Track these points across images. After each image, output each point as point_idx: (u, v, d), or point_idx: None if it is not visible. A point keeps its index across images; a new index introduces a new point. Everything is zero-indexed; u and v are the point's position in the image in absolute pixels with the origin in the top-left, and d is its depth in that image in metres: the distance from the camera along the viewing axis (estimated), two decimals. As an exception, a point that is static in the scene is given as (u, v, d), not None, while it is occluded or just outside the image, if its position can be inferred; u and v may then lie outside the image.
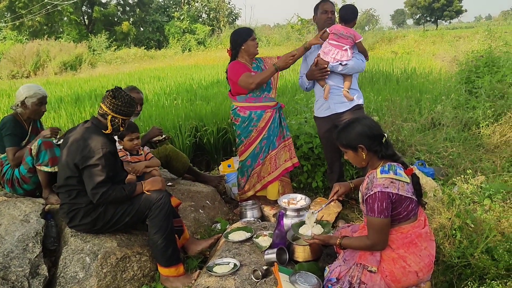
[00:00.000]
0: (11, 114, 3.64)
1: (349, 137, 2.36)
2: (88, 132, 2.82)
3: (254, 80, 3.66)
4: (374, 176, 2.27)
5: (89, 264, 2.83)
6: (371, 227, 2.25)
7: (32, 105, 3.58)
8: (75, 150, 2.76)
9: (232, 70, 3.76)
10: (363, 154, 2.34)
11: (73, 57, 24.41)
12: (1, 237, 2.96)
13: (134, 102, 2.92)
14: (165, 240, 2.86)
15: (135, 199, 2.87)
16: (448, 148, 4.69)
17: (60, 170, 2.93)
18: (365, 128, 2.33)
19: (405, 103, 6.29)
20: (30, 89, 3.59)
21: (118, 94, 2.83)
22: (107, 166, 2.76)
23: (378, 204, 2.19)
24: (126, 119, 2.91)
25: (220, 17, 37.97)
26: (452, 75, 8.95)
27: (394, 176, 2.23)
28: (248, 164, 3.92)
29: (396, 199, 2.21)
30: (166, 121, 6.07)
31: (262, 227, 3.28)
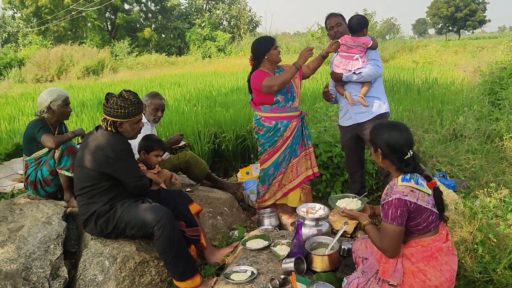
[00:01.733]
0: (38, 118, 3.66)
1: (376, 136, 2.39)
2: (103, 136, 2.88)
3: (276, 82, 3.65)
4: (395, 183, 2.27)
5: (108, 268, 2.86)
6: (384, 232, 2.25)
7: (58, 108, 3.65)
8: (97, 156, 2.81)
9: (256, 79, 3.76)
10: (379, 157, 2.38)
11: (95, 62, 24.83)
12: (24, 238, 3.02)
13: (126, 103, 2.84)
14: (174, 257, 2.83)
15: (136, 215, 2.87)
16: (470, 160, 4.61)
17: (77, 173, 2.97)
18: (390, 139, 2.32)
19: (426, 113, 6.22)
20: (52, 93, 3.66)
21: (110, 98, 2.87)
22: (134, 157, 2.97)
23: (393, 210, 2.18)
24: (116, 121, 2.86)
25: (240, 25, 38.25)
26: (475, 86, 8.81)
27: (414, 185, 2.21)
28: (271, 173, 3.92)
29: (415, 209, 2.19)
30: (186, 127, 6.12)
31: (280, 235, 3.27)
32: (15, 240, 3.00)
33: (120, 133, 2.92)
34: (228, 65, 23.51)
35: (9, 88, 17.35)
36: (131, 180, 2.92)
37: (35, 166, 3.62)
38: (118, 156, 2.84)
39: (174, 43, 37.45)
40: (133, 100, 2.87)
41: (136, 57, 29.23)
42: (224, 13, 39.03)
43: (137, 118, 2.93)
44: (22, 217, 3.25)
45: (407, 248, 2.28)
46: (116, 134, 2.89)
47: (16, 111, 9.72)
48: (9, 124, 7.91)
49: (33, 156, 3.63)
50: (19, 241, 2.99)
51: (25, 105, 10.74)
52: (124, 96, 2.86)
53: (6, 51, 32.48)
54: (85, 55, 25.57)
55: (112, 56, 28.40)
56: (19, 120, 8.45)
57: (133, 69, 25.62)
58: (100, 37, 35.41)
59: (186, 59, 29.91)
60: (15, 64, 26.08)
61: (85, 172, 2.87)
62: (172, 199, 3.19)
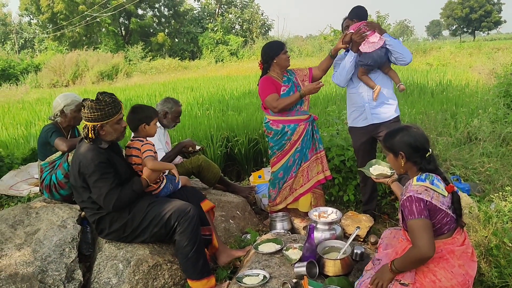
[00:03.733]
0: (51, 123, 3.77)
1: (393, 141, 2.38)
2: (79, 149, 2.88)
3: (278, 105, 3.72)
4: (410, 183, 2.27)
5: (122, 271, 2.89)
6: (415, 230, 2.16)
7: (71, 112, 3.72)
8: (74, 171, 2.85)
9: (262, 88, 3.81)
10: (402, 161, 2.36)
11: (109, 67, 25.15)
12: (39, 242, 3.07)
13: (100, 105, 2.79)
14: (196, 252, 2.87)
15: (163, 211, 2.89)
16: (485, 163, 4.55)
17: (73, 189, 3.04)
18: (410, 138, 2.34)
19: (440, 116, 6.16)
20: (66, 97, 3.73)
21: (85, 102, 2.83)
22: (106, 174, 2.81)
23: (416, 205, 2.16)
24: (96, 124, 2.81)
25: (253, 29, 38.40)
26: (490, 88, 8.69)
27: (429, 185, 2.21)
28: (280, 176, 3.93)
29: (430, 208, 2.19)
30: (198, 131, 6.16)
31: (292, 239, 3.27)
32: (31, 243, 3.06)
33: (101, 138, 2.86)
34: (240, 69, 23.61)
35: (26, 93, 17.65)
36: (96, 197, 2.83)
37: (50, 170, 3.68)
38: (87, 169, 2.79)
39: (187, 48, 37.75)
40: (108, 101, 2.82)
41: (149, 61, 29.55)
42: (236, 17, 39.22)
43: (116, 118, 2.87)
44: (38, 220, 3.31)
45: None
46: (92, 145, 2.84)
47: (32, 115, 9.89)
48: (26, 129, 8.05)
49: (47, 160, 3.70)
50: (35, 244, 3.04)
51: (41, 109, 10.92)
52: (99, 98, 2.82)
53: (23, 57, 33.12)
54: (100, 60, 25.92)
55: (126, 61, 28.74)
56: (35, 124, 8.59)
57: (147, 73, 25.88)
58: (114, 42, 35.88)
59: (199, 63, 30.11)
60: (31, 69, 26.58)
61: (75, 188, 2.92)
62: (184, 196, 3.22)
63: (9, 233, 3.16)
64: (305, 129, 3.84)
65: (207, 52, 34.20)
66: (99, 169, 2.78)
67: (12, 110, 11.22)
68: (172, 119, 4.11)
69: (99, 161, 2.79)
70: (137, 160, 3.10)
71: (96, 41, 37.56)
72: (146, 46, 34.17)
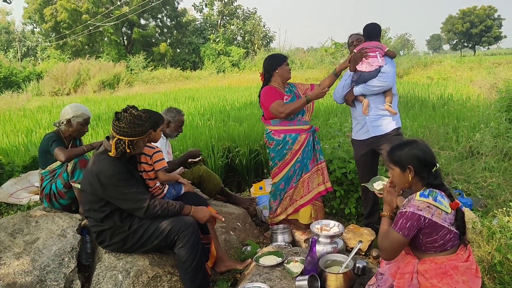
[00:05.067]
0: (53, 131, 3.76)
1: (402, 155, 2.35)
2: (98, 160, 2.83)
3: (285, 110, 3.71)
4: (413, 197, 2.25)
5: (121, 282, 2.86)
6: (389, 236, 2.26)
7: (77, 124, 3.71)
8: (92, 181, 2.80)
9: (265, 96, 3.80)
10: (409, 176, 2.32)
11: (111, 76, 25.24)
12: (39, 251, 3.04)
13: (141, 120, 2.80)
14: (195, 268, 2.85)
15: (164, 224, 2.87)
16: (487, 178, 4.54)
17: (82, 196, 3.01)
18: (420, 152, 2.32)
19: (442, 130, 6.15)
20: (78, 108, 3.73)
21: (121, 116, 2.77)
22: (129, 181, 2.81)
23: (403, 221, 2.19)
24: (134, 140, 2.81)
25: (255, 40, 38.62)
26: (491, 102, 8.72)
27: (432, 202, 2.19)
28: (281, 187, 3.91)
29: (429, 225, 2.17)
30: (199, 141, 6.15)
31: (294, 252, 3.24)
32: (30, 252, 3.03)
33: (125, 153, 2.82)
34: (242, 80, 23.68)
35: (27, 101, 17.67)
36: (127, 205, 2.83)
37: (50, 178, 3.67)
38: (109, 182, 2.75)
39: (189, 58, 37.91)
40: (145, 116, 2.84)
41: (151, 71, 29.65)
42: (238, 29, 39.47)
43: (150, 133, 2.94)
44: (38, 229, 3.28)
45: (421, 265, 2.25)
46: (111, 157, 2.80)
47: (33, 123, 9.88)
48: (26, 137, 8.04)
49: (48, 168, 3.68)
50: (34, 254, 3.01)
51: (42, 117, 10.91)
52: (135, 114, 2.79)
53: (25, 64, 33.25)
54: (101, 69, 26.02)
55: (128, 70, 28.84)
56: (36, 132, 8.58)
57: (148, 83, 25.96)
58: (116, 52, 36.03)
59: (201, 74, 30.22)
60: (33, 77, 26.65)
61: (87, 196, 2.89)
62: (187, 202, 3.19)
63: (8, 242, 3.13)
64: (306, 139, 3.83)
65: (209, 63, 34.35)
66: (123, 177, 2.78)
67: (13, 118, 11.21)
68: (175, 128, 4.12)
69: (121, 171, 2.79)
70: (146, 167, 3.10)
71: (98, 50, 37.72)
72: (148, 56, 34.33)
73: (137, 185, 2.86)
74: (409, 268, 2.27)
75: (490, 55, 43.65)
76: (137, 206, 2.82)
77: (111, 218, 2.88)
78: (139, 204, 2.82)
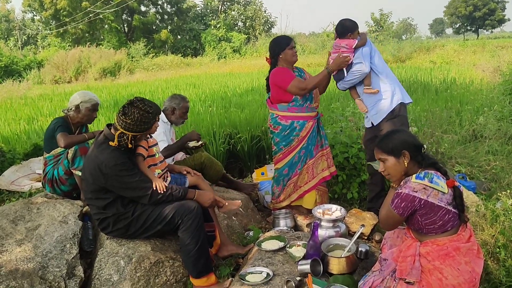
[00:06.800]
0: (61, 117, 3.75)
1: (393, 143, 2.35)
2: (99, 149, 2.80)
3: (307, 86, 3.62)
4: (409, 179, 2.25)
5: (123, 268, 2.86)
6: (386, 209, 2.33)
7: (86, 110, 3.70)
8: (93, 171, 2.78)
9: (280, 76, 3.70)
10: (405, 161, 2.31)
11: (112, 64, 25.12)
12: (40, 237, 3.04)
13: (148, 118, 2.77)
14: (197, 252, 2.85)
15: (167, 208, 2.86)
16: (490, 161, 4.51)
17: (83, 184, 2.99)
18: (409, 137, 2.36)
19: (445, 114, 6.10)
20: (86, 95, 3.73)
21: (129, 111, 2.73)
22: (132, 170, 2.79)
23: (398, 201, 2.24)
24: (137, 135, 2.80)
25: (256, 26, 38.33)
26: (495, 86, 8.63)
27: (428, 184, 2.19)
28: (285, 173, 3.88)
29: (425, 206, 2.17)
30: (201, 127, 6.12)
31: (296, 237, 3.23)
32: (32, 239, 3.03)
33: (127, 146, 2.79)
34: (243, 66, 23.53)
35: (28, 89, 17.62)
36: (131, 194, 2.84)
37: (53, 163, 3.67)
38: (112, 172, 2.73)
39: (189, 44, 37.67)
40: (152, 112, 2.80)
41: (152, 58, 29.49)
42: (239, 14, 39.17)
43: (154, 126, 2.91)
44: (39, 216, 3.28)
45: (423, 247, 2.25)
46: (112, 147, 2.76)
47: (34, 111, 9.87)
48: (28, 124, 8.03)
49: (53, 153, 3.69)
50: (36, 240, 3.01)
51: (43, 105, 10.91)
52: (142, 109, 2.75)
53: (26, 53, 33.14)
54: (102, 57, 25.89)
55: (129, 58, 28.69)
56: (37, 120, 8.56)
57: (149, 70, 25.84)
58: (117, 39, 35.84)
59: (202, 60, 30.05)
60: (34, 65, 26.55)
61: (89, 185, 2.87)
62: None
63: (10, 229, 3.13)
64: (312, 126, 3.80)
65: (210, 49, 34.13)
66: (125, 167, 2.77)
67: (14, 106, 11.21)
68: (180, 115, 4.11)
69: (123, 161, 2.77)
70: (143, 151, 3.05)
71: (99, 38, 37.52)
72: (149, 43, 34.11)
73: (140, 173, 2.85)
74: (411, 251, 2.27)
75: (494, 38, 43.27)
76: (141, 194, 2.82)
77: (114, 205, 2.87)
78: (143, 192, 2.81)
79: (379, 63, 3.75)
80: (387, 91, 3.72)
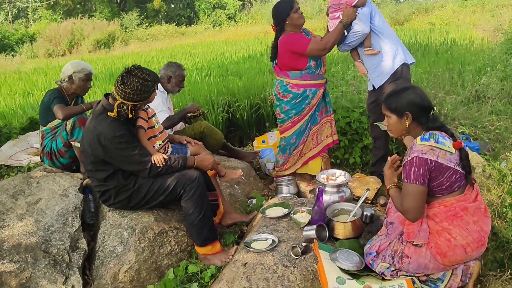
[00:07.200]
0: (55, 88, 3.66)
1: (398, 102, 2.28)
2: (97, 120, 2.72)
3: (326, 45, 3.52)
4: (414, 143, 2.20)
5: (127, 239, 2.84)
6: (406, 193, 2.16)
7: (79, 80, 3.60)
8: (92, 142, 2.71)
9: (295, 42, 3.56)
10: (406, 122, 2.26)
11: (106, 35, 24.66)
12: (42, 211, 3.00)
13: (148, 87, 2.70)
14: (201, 220, 2.82)
15: (169, 179, 2.81)
16: (494, 121, 4.46)
17: (83, 156, 2.93)
18: (417, 98, 2.26)
19: (446, 75, 6.00)
20: (78, 64, 3.63)
21: (127, 80, 2.65)
22: (132, 143, 2.73)
23: (415, 169, 2.12)
24: (137, 104, 2.73)
25: (250, -9, 37.39)
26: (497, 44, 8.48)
27: (434, 144, 2.14)
28: (293, 141, 3.81)
29: (436, 167, 2.12)
30: (198, 96, 6.02)
31: (300, 203, 3.20)
32: (33, 213, 2.99)
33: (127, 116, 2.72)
34: (239, 33, 23.11)
35: (22, 63, 17.33)
36: (130, 167, 2.78)
37: (51, 136, 3.60)
38: (111, 144, 2.67)
39: (183, 13, 36.90)
40: (151, 79, 2.72)
41: (146, 28, 28.92)
42: (233, -20, 38.18)
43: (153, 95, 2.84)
44: (39, 190, 3.24)
45: (430, 209, 2.22)
46: (111, 117, 2.69)
47: (29, 85, 9.73)
48: (23, 99, 7.92)
49: (49, 126, 3.61)
50: (37, 214, 2.98)
51: (38, 79, 10.74)
52: (141, 77, 2.67)
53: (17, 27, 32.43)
54: (95, 28, 25.38)
55: (122, 29, 28.14)
56: (32, 95, 8.44)
57: (144, 40, 25.41)
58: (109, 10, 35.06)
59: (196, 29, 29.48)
60: (26, 39, 26.07)
61: (88, 156, 2.81)
62: None
63: (10, 204, 3.09)
64: (322, 93, 3.73)
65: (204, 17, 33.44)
66: (125, 139, 2.70)
67: (9, 81, 11.03)
68: (176, 83, 4.03)
69: (122, 132, 2.70)
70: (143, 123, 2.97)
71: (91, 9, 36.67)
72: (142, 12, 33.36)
73: (139, 146, 2.79)
74: (418, 213, 2.23)
75: (494, -3, 42.29)
76: (140, 167, 2.77)
77: (115, 177, 2.82)
78: (142, 166, 2.76)
79: (379, 24, 3.63)
80: (388, 52, 3.63)
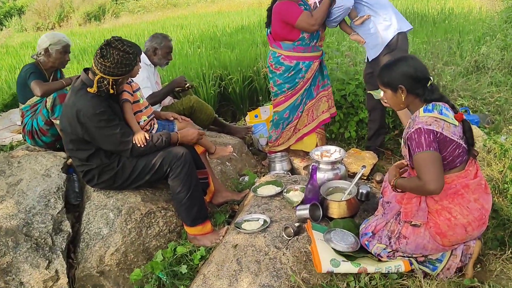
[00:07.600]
0: (32, 63, 3.48)
1: (391, 76, 2.14)
2: (76, 96, 2.57)
3: (317, 19, 3.34)
4: (417, 115, 2.07)
5: (113, 220, 2.73)
6: (421, 164, 1.96)
7: (56, 53, 3.42)
8: (71, 120, 2.57)
9: (285, 12, 3.37)
10: (402, 95, 2.13)
11: (96, 7, 24.10)
12: (22, 193, 2.87)
13: (129, 60, 2.54)
14: (189, 199, 2.69)
15: (154, 157, 2.68)
16: (494, 93, 4.33)
17: (63, 134, 2.79)
18: (410, 69, 2.10)
19: (445, 45, 5.82)
20: (54, 36, 3.45)
21: (107, 53, 2.48)
22: (113, 121, 2.58)
23: (425, 136, 1.96)
24: (118, 79, 2.58)
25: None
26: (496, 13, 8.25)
27: (438, 115, 2.01)
28: (286, 116, 3.66)
29: (440, 140, 1.99)
30: (189, 70, 5.83)
31: (293, 180, 3.08)
32: (13, 194, 2.86)
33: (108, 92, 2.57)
34: (232, 4, 22.58)
35: (9, 37, 16.96)
36: (111, 147, 2.64)
37: (31, 114, 3.44)
38: (90, 122, 2.52)
39: (175, -16, 36.04)
40: (132, 52, 2.55)
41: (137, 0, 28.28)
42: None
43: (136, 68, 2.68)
44: (21, 170, 3.09)
45: None
46: (91, 93, 2.54)
47: (16, 60, 9.46)
48: (10, 74, 7.68)
49: (28, 103, 3.45)
50: (18, 196, 2.84)
51: (25, 54, 10.47)
52: (121, 49, 2.50)
53: (4, -1, 31.60)
54: (85, 1, 24.78)
55: (113, 1, 27.49)
56: (19, 69, 8.17)
57: (135, 13, 24.84)
58: (99, -19, 34.17)
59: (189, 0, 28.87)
60: (14, 12, 25.46)
61: (68, 135, 2.66)
62: None
63: (-10, 185, 2.95)
64: (317, 67, 3.55)
65: (197, -12, 32.72)
66: (105, 117, 2.54)
67: (-5, 56, 10.75)
68: (163, 55, 3.85)
69: (102, 109, 2.54)
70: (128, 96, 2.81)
71: (80, -20, 35.77)
72: (133, -17, 32.59)
73: (121, 124, 2.63)
74: (416, 192, 2.11)
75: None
76: (121, 148, 2.63)
77: (97, 156, 2.67)
78: (123, 146, 2.62)
79: None
80: (380, 23, 3.46)
